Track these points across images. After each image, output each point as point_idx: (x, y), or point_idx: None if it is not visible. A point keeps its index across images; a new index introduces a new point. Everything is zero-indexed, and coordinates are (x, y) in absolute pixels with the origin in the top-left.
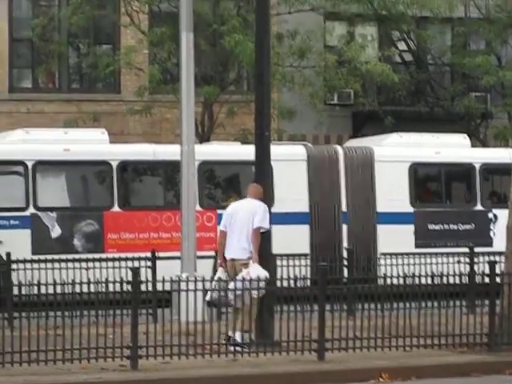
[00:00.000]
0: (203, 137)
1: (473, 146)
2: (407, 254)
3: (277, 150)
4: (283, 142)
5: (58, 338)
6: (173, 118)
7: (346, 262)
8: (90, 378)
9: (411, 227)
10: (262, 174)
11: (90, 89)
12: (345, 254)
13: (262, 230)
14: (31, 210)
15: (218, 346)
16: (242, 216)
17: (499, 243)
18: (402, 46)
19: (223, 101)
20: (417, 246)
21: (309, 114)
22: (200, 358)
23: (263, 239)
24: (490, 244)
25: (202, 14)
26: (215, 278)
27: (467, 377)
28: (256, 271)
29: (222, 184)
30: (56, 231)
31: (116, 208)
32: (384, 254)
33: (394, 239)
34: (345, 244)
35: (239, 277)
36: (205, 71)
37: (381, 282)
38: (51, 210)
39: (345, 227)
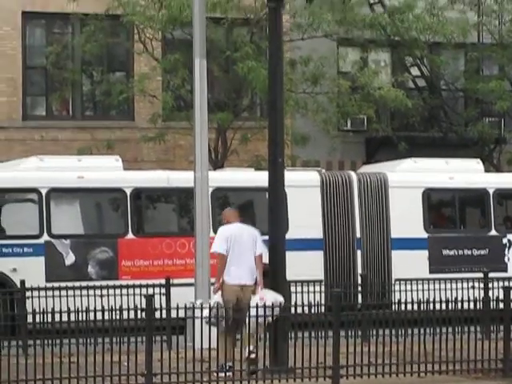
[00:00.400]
0: (217, 163)
1: (486, 171)
2: (421, 279)
3: (290, 176)
4: (297, 168)
5: (72, 366)
6: (186, 145)
7: (360, 288)
8: None
9: (425, 253)
10: (275, 201)
11: (104, 116)
12: (359, 280)
13: None
14: (45, 237)
15: (233, 372)
16: (247, 240)
17: None
18: (415, 71)
19: (237, 127)
20: (431, 271)
21: (322, 140)
22: None
23: (278, 265)
24: (505, 269)
25: (215, 41)
26: (213, 302)
27: None
28: (272, 296)
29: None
30: (70, 258)
31: (130, 235)
32: (398, 280)
33: (409, 265)
34: (359, 270)
35: (253, 303)
36: (218, 98)
37: (395, 307)
38: (65, 237)
39: (359, 253)
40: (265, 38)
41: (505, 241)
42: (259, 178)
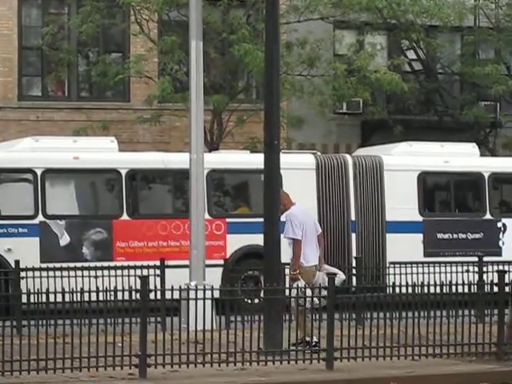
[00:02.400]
0: (212, 145)
1: (482, 155)
2: (416, 263)
3: (286, 159)
4: (292, 150)
5: (66, 346)
6: (182, 127)
7: (354, 271)
8: None
9: (420, 236)
10: (271, 183)
11: (100, 97)
12: (354, 263)
13: None
14: (40, 217)
15: (227, 354)
16: (310, 222)
17: (508, 252)
18: (411, 54)
19: (232, 109)
20: (425, 255)
21: (318, 123)
22: (208, 367)
23: (273, 247)
24: (499, 253)
25: (212, 23)
26: (303, 286)
27: None
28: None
29: (231, 192)
30: (65, 239)
31: (125, 216)
32: (393, 263)
33: (403, 248)
34: (354, 253)
35: (320, 279)
36: (214, 80)
37: (389, 291)
38: (60, 218)
39: (354, 236)
40: (261, 20)
41: (499, 225)
42: (255, 161)
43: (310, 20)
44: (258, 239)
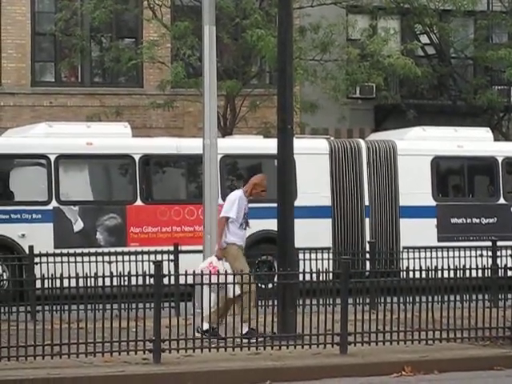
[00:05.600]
0: (226, 130)
1: (495, 139)
2: (429, 247)
3: (299, 144)
4: (306, 135)
5: (80, 332)
6: (195, 112)
7: (368, 256)
8: (113, 371)
9: (434, 221)
10: (284, 168)
11: (113, 83)
12: (367, 248)
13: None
14: (54, 203)
15: (241, 338)
16: None
17: None
18: (424, 39)
19: (245, 94)
20: (439, 239)
21: (331, 108)
22: (222, 351)
23: (287, 232)
24: None
25: (225, 8)
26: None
27: (489, 370)
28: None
29: (244, 178)
30: (78, 225)
31: (139, 202)
32: (406, 248)
33: (417, 233)
34: (367, 237)
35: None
36: (227, 65)
37: (403, 275)
38: (74, 203)
39: (367, 221)
40: (274, 5)
41: None
42: (268, 146)
43: (323, 5)
44: (271, 224)
